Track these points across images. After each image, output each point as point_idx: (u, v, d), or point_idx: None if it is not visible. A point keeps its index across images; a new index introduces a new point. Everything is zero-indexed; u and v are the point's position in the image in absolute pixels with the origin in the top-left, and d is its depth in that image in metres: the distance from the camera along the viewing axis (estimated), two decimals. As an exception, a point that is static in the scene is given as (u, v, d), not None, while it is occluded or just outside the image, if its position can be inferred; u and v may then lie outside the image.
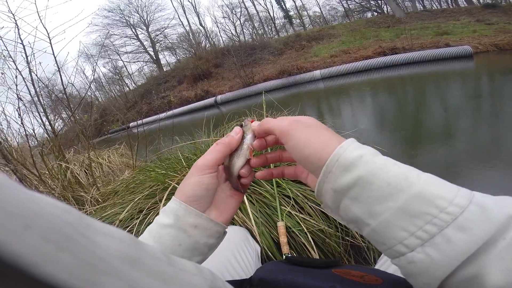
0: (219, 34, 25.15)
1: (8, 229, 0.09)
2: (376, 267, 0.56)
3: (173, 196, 0.34)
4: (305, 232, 0.95)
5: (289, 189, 1.07)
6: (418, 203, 0.21)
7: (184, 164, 1.47)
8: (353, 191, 0.24)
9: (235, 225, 0.96)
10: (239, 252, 0.63)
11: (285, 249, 0.84)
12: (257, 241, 0.91)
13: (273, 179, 1.06)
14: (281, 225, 0.89)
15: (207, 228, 0.33)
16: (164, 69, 21.79)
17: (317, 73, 8.53)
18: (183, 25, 24.48)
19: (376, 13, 20.74)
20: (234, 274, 0.56)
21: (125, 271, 0.13)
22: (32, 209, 0.10)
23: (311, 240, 0.95)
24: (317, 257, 0.94)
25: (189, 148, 1.81)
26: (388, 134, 3.07)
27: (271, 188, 1.06)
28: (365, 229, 0.24)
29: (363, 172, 0.23)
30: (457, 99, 3.95)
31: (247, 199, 1.03)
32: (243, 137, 0.37)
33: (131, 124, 7.78)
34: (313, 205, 1.06)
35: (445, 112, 3.43)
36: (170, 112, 3.46)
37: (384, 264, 0.53)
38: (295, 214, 1.01)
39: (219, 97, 10.04)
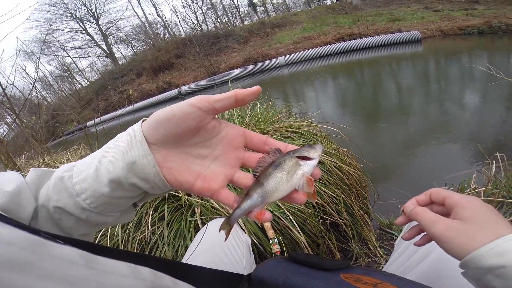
0: (179, 24, 23.98)
1: None
2: (389, 262, 0.58)
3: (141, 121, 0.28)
4: (286, 214, 0.98)
5: None
6: None
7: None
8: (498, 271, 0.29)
9: (220, 216, 0.95)
10: (226, 245, 0.60)
11: (271, 233, 0.85)
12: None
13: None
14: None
15: (144, 168, 0.26)
16: (120, 63, 20.24)
17: (281, 59, 8.63)
18: (138, 17, 22.88)
19: (336, 0, 21.37)
20: (222, 268, 0.52)
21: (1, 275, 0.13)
22: None
23: (294, 222, 0.97)
24: (303, 239, 0.96)
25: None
26: (350, 114, 3.26)
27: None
28: None
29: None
30: (409, 80, 4.31)
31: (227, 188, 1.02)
32: (291, 168, 0.27)
33: (89, 123, 7.19)
34: None
35: (399, 92, 3.73)
36: (130, 107, 3.25)
37: (396, 262, 0.53)
38: None
39: (183, 88, 9.66)
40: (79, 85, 19.45)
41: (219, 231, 0.30)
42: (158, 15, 22.81)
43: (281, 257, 0.44)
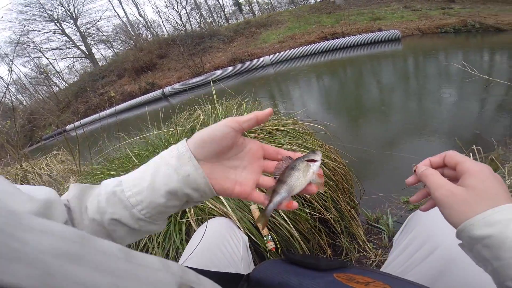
0: (162, 24, 23.53)
1: None
2: (389, 259, 0.57)
3: (184, 139, 0.35)
4: (277, 211, 0.97)
5: None
6: None
7: (136, 161, 1.37)
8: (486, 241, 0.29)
9: (215, 216, 0.94)
10: (224, 245, 0.61)
11: (265, 231, 0.85)
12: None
13: None
14: (254, 208, 0.89)
15: (196, 180, 0.33)
16: (100, 64, 19.56)
17: (267, 58, 8.64)
18: (119, 17, 22.32)
19: (319, 0, 21.69)
20: (220, 267, 0.54)
21: (52, 264, 0.14)
22: None
23: (286, 218, 0.98)
24: (296, 234, 0.97)
25: (139, 144, 1.69)
26: (334, 111, 3.32)
27: None
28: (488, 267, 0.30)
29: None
30: (390, 78, 4.44)
31: None
32: (304, 168, 0.36)
33: (68, 127, 6.89)
34: None
35: (380, 90, 3.83)
36: (112, 109, 3.15)
37: (398, 260, 0.52)
38: None
39: (167, 89, 9.45)
40: (57, 88, 18.62)
41: (256, 223, 0.44)
42: (140, 15, 22.34)
43: (278, 258, 0.46)
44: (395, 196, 1.46)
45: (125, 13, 22.14)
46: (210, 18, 24.67)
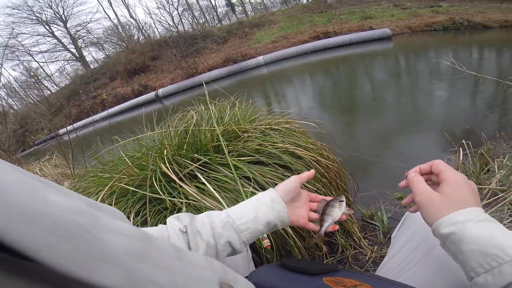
0: (154, 26, 23.37)
1: (14, 224, 0.12)
2: (387, 258, 0.57)
3: (271, 189, 0.54)
4: None
5: (248, 170, 1.08)
6: (492, 249, 0.31)
7: (130, 163, 1.36)
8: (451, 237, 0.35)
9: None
10: None
11: None
12: None
13: (230, 162, 1.06)
14: None
15: (283, 215, 0.50)
16: (92, 67, 19.31)
17: (260, 59, 8.65)
18: (109, 19, 22.20)
19: None
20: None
21: (128, 263, 0.15)
22: (37, 211, 0.13)
23: None
24: (291, 232, 0.98)
25: (133, 145, 1.67)
26: (328, 110, 3.34)
27: (230, 172, 1.06)
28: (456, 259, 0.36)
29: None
30: (382, 76, 4.48)
31: (211, 186, 1.01)
32: (339, 205, 0.55)
33: (61, 131, 6.78)
34: (274, 182, 1.09)
35: (373, 88, 3.87)
36: (105, 112, 3.11)
37: (395, 259, 0.53)
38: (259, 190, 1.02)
39: (160, 91, 9.37)
40: (48, 91, 18.31)
41: (312, 242, 0.65)
42: (131, 17, 22.10)
43: (274, 263, 0.52)
44: (389, 192, 1.48)
45: (116, 15, 22.02)
46: (203, 19, 24.62)
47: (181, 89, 9.01)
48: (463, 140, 1.30)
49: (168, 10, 22.28)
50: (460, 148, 1.24)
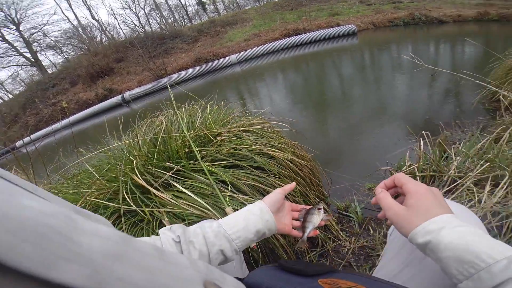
0: (118, 27, 22.20)
1: None
2: (387, 257, 0.55)
3: (259, 200, 0.59)
4: None
5: (224, 174, 1.06)
6: (468, 256, 0.33)
7: (97, 176, 1.27)
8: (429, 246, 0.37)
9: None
10: None
11: None
12: None
13: (205, 168, 1.03)
14: (229, 210, 0.89)
15: (271, 224, 0.55)
16: (49, 71, 17.85)
17: (233, 57, 8.58)
18: (69, 20, 20.65)
19: None
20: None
21: (100, 262, 0.16)
22: (4, 214, 0.14)
23: None
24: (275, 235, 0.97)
25: (100, 158, 1.57)
26: (299, 107, 3.41)
27: (205, 178, 1.04)
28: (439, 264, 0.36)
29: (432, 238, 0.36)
30: (349, 70, 4.67)
31: (191, 192, 0.98)
32: (317, 212, 0.61)
33: (18, 143, 6.18)
34: (249, 184, 1.09)
35: (341, 82, 4.02)
36: (66, 121, 2.90)
37: (391, 263, 0.52)
38: (237, 197, 1.02)
39: (127, 94, 8.89)
40: (0, 100, 16.63)
41: (297, 247, 0.64)
42: (93, 18, 20.76)
43: (271, 265, 0.50)
44: (359, 183, 1.54)
45: (76, 16, 20.54)
46: (172, 19, 23.86)
47: (150, 91, 8.64)
48: (423, 131, 1.39)
49: (134, 10, 21.23)
50: (421, 139, 1.33)
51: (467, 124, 1.92)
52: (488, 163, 1.03)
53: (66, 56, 19.60)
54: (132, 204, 0.95)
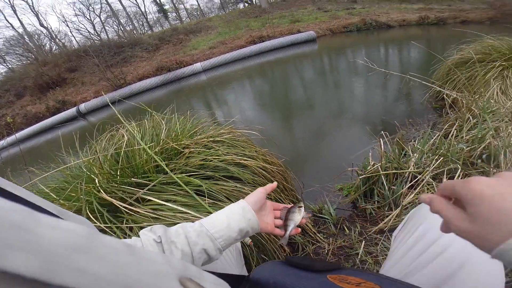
0: (70, 34, 20.63)
1: None
2: (394, 259, 0.51)
3: (241, 199, 0.57)
4: None
5: (200, 182, 1.03)
6: None
7: (54, 196, 1.14)
8: None
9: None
10: None
11: None
12: None
13: (178, 180, 0.98)
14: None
15: (253, 222, 0.54)
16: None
17: (198, 65, 8.43)
18: (13, 27, 18.65)
19: (247, 4, 22.34)
20: (213, 267, 0.58)
21: (59, 253, 0.16)
22: None
23: None
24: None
25: (55, 177, 1.40)
26: (268, 112, 3.46)
27: (179, 189, 0.99)
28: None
29: None
30: (311, 75, 4.88)
31: (173, 203, 0.93)
32: (298, 210, 0.61)
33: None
34: (228, 192, 1.06)
35: (305, 88, 4.17)
36: (12, 137, 2.58)
37: (399, 264, 0.48)
38: (219, 203, 0.99)
39: (82, 106, 8.17)
40: None
41: (279, 244, 0.80)
42: (42, 25, 18.98)
43: (278, 260, 0.53)
44: (330, 185, 1.59)
45: (21, 23, 18.54)
46: (130, 26, 22.82)
47: (109, 102, 8.05)
48: (382, 131, 1.49)
49: (88, 17, 19.88)
50: (381, 139, 1.42)
51: (419, 122, 2.11)
52: (442, 158, 1.14)
53: (10, 66, 17.60)
54: (97, 222, 0.89)
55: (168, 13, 25.26)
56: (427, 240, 0.45)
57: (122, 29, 20.86)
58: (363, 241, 1.12)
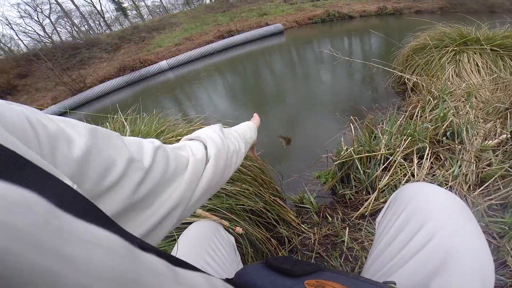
0: (16, 37, 18.67)
1: None
2: (380, 246, 0.47)
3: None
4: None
5: None
6: None
7: None
8: None
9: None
10: (211, 247, 0.60)
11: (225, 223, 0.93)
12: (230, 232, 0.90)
13: None
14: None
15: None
16: None
17: (163, 63, 8.07)
18: None
19: None
20: (209, 270, 0.53)
21: None
22: None
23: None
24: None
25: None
26: (240, 106, 3.41)
27: None
28: None
29: None
30: (280, 67, 4.90)
31: None
32: None
33: None
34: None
35: (275, 80, 4.18)
36: None
37: (385, 253, 0.44)
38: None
39: (39, 115, 7.49)
40: None
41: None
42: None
43: (259, 262, 0.44)
44: (307, 174, 1.60)
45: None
46: (86, 26, 21.19)
47: (69, 108, 7.43)
48: (351, 116, 1.52)
49: (36, 18, 18.04)
50: (351, 124, 1.45)
51: (384, 106, 2.20)
52: (410, 138, 1.18)
53: None
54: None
55: (128, 11, 23.87)
56: (411, 228, 0.42)
57: (77, 29, 19.28)
58: (347, 228, 1.13)
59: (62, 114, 7.36)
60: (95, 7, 21.84)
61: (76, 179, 0.19)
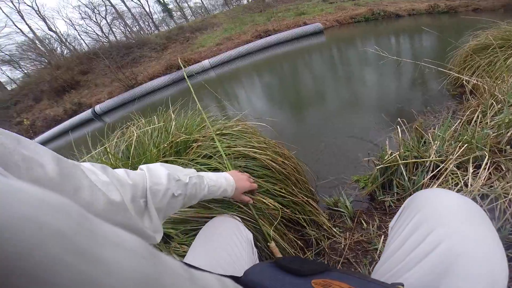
0: (79, 37, 21.17)
1: None
2: (388, 252, 0.48)
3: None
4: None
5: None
6: None
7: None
8: None
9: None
10: (229, 244, 0.61)
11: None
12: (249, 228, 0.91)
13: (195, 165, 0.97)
14: (272, 245, 0.90)
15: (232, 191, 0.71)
16: (8, 88, 16.59)
17: (206, 62, 8.44)
18: (23, 33, 19.26)
19: None
20: (225, 267, 0.54)
21: None
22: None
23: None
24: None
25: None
26: (278, 106, 3.41)
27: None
28: None
29: None
30: (320, 68, 4.77)
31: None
32: None
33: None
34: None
35: (315, 80, 4.08)
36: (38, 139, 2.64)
37: (393, 257, 0.44)
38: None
39: (97, 107, 8.37)
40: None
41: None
42: (50, 29, 19.55)
43: (268, 262, 0.45)
44: (345, 177, 1.53)
45: (30, 28, 19.14)
46: (137, 27, 23.18)
47: (122, 102, 8.22)
48: (399, 118, 1.41)
49: (95, 20, 20.30)
50: (398, 126, 1.35)
51: (437, 110, 2.00)
52: (466, 145, 1.06)
53: (26, 71, 18.29)
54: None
55: (173, 12, 25.46)
56: (422, 232, 0.41)
57: (129, 30, 21.19)
58: (382, 236, 1.06)
59: (117, 108, 8.19)
60: (144, 8, 23.74)
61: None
